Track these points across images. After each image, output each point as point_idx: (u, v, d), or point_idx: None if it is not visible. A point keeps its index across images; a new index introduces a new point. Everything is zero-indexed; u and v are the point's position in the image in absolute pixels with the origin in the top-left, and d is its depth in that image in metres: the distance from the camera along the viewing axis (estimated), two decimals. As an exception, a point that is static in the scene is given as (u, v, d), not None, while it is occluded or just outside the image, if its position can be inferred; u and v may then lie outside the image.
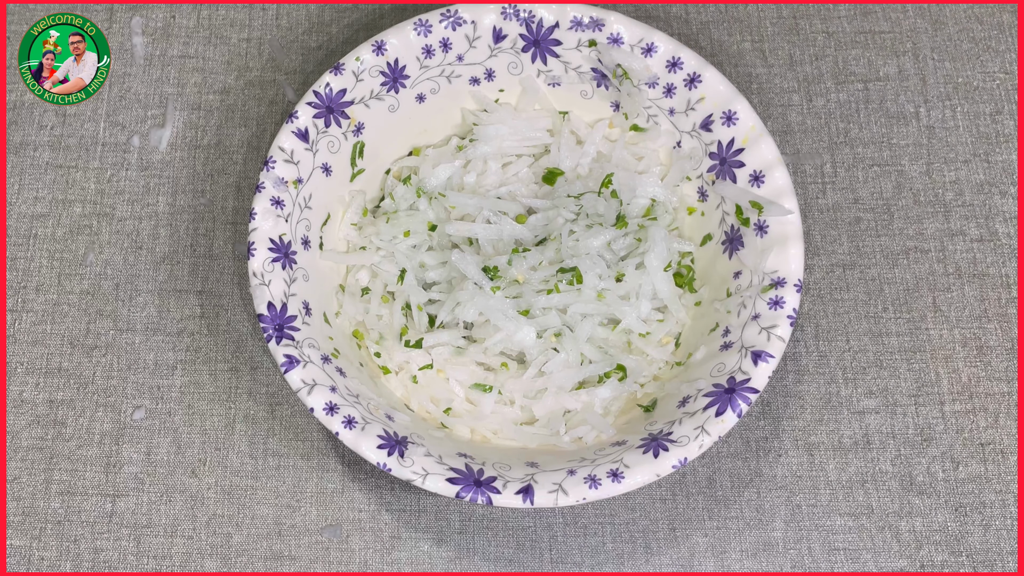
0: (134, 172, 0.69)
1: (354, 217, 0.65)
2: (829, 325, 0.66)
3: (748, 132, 0.62)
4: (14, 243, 0.67)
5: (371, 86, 0.64)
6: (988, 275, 0.67)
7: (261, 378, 0.65)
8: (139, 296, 0.66)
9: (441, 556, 0.61)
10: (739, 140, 0.62)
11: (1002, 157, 0.69)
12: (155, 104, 0.71)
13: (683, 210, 0.65)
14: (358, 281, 0.64)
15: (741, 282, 0.60)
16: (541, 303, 0.61)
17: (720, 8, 0.73)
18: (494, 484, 0.55)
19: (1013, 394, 0.64)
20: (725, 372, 0.58)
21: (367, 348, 0.63)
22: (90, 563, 0.61)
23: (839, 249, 0.67)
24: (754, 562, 0.61)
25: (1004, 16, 0.72)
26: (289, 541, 0.61)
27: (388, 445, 0.56)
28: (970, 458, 0.63)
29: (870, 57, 0.71)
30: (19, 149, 0.69)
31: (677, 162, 0.64)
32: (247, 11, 0.73)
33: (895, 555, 0.61)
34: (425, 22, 0.64)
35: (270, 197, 0.60)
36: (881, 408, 0.64)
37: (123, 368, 0.65)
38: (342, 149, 0.63)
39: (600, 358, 0.62)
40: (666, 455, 0.55)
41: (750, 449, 0.63)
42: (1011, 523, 0.62)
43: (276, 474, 0.63)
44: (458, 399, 0.61)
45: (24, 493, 0.62)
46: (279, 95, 0.71)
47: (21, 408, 0.64)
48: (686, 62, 0.63)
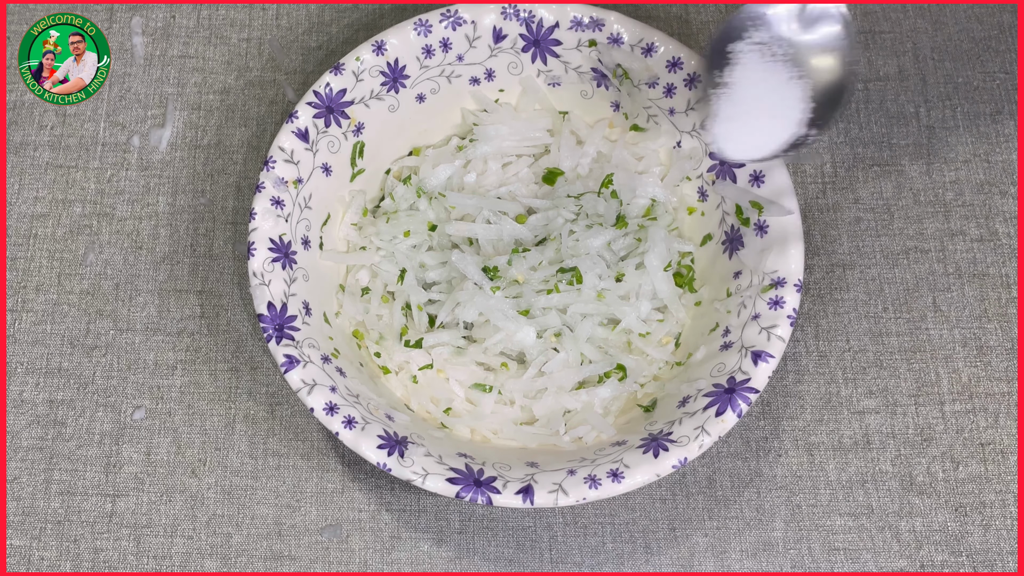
0: (134, 172, 0.69)
1: (354, 217, 0.65)
2: (829, 325, 0.66)
3: (748, 132, 0.62)
4: (14, 243, 0.67)
5: (371, 86, 0.64)
6: (988, 275, 0.67)
7: (261, 378, 0.65)
8: (139, 296, 0.66)
9: (441, 556, 0.61)
10: (739, 140, 0.62)
11: (1002, 157, 0.69)
12: (155, 104, 0.71)
13: (683, 210, 0.65)
14: (358, 281, 0.64)
15: (741, 282, 0.60)
16: (541, 303, 0.61)
17: (720, 8, 0.73)
18: (494, 484, 0.55)
19: (1013, 394, 0.64)
20: (725, 372, 0.58)
21: (367, 348, 0.63)
22: (90, 563, 0.61)
23: (839, 249, 0.67)
24: (754, 562, 0.61)
25: (1004, 16, 0.72)
26: (289, 541, 0.61)
27: (388, 445, 0.56)
28: (970, 458, 0.63)
29: (870, 57, 0.71)
30: (19, 149, 0.69)
31: (677, 162, 0.64)
32: (247, 11, 0.73)
33: (895, 555, 0.61)
34: (425, 22, 0.64)
35: (270, 197, 0.60)
36: (881, 408, 0.64)
37: (123, 368, 0.65)
38: (342, 149, 0.63)
39: (600, 358, 0.62)
40: (666, 455, 0.55)
41: (750, 449, 0.63)
42: (1011, 523, 0.62)
43: (276, 474, 0.63)
44: (458, 399, 0.61)
45: (24, 493, 0.62)
46: (279, 95, 0.71)
47: (21, 408, 0.64)
48: (686, 62, 0.63)
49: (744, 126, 0.56)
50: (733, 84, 0.55)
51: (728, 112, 0.56)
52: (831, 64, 0.55)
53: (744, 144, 0.56)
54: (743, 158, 0.57)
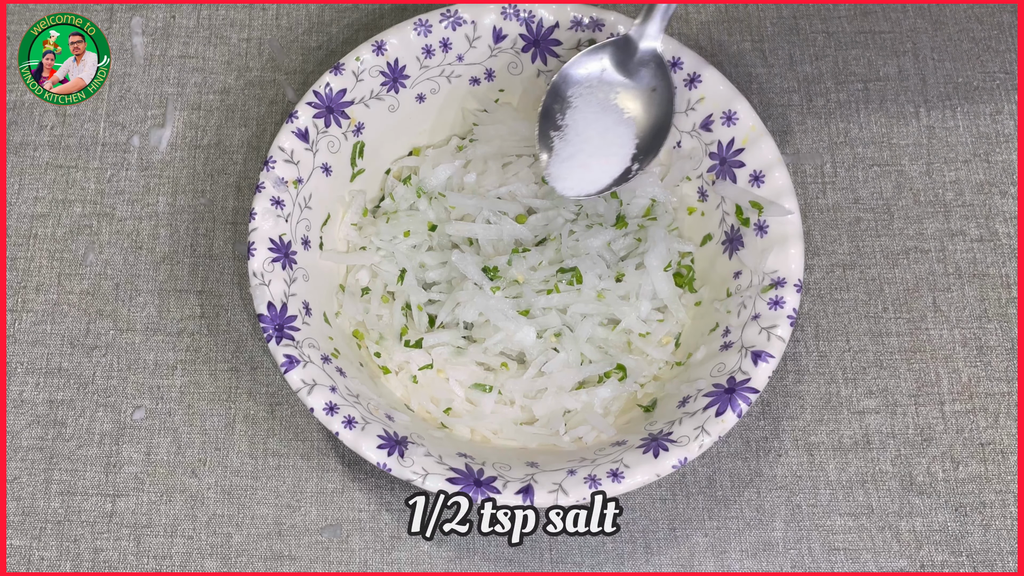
0: (134, 172, 0.69)
1: (354, 217, 0.65)
2: (829, 325, 0.66)
3: (748, 132, 0.62)
4: (14, 243, 0.67)
5: (371, 86, 0.64)
6: (988, 275, 0.67)
7: (261, 378, 0.65)
8: (139, 296, 0.66)
9: (441, 556, 0.61)
10: (739, 140, 0.62)
11: (1002, 157, 0.69)
12: (155, 104, 0.71)
13: (683, 210, 0.65)
14: (358, 281, 0.64)
15: (741, 282, 0.60)
16: (541, 303, 0.61)
17: (720, 8, 0.73)
18: (494, 484, 0.55)
19: (1013, 394, 0.64)
20: (725, 372, 0.58)
21: (367, 348, 0.63)
22: (90, 563, 0.61)
23: (839, 249, 0.67)
24: (754, 562, 0.61)
25: (1004, 16, 0.72)
26: (289, 541, 0.61)
27: (388, 445, 0.56)
28: (970, 458, 0.63)
29: (870, 57, 0.71)
30: (19, 149, 0.69)
31: (677, 162, 0.64)
32: (247, 11, 0.73)
33: (895, 555, 0.61)
34: (425, 22, 0.64)
35: (270, 197, 0.60)
36: (881, 408, 0.64)
37: (123, 368, 0.65)
38: (342, 149, 0.63)
39: (600, 358, 0.62)
40: (666, 455, 0.55)
41: (750, 449, 0.63)
42: (1011, 523, 0.62)
43: (276, 474, 0.63)
44: (458, 399, 0.61)
45: (24, 493, 0.62)
46: (279, 95, 0.71)
47: (21, 408, 0.64)
48: (686, 62, 0.63)
49: (579, 164, 0.60)
50: (569, 126, 0.60)
51: (565, 152, 0.60)
52: (653, 103, 0.61)
53: (578, 181, 0.61)
54: (576, 195, 0.61)
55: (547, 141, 0.61)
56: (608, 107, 0.61)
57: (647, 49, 0.60)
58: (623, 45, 0.61)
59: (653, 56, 0.61)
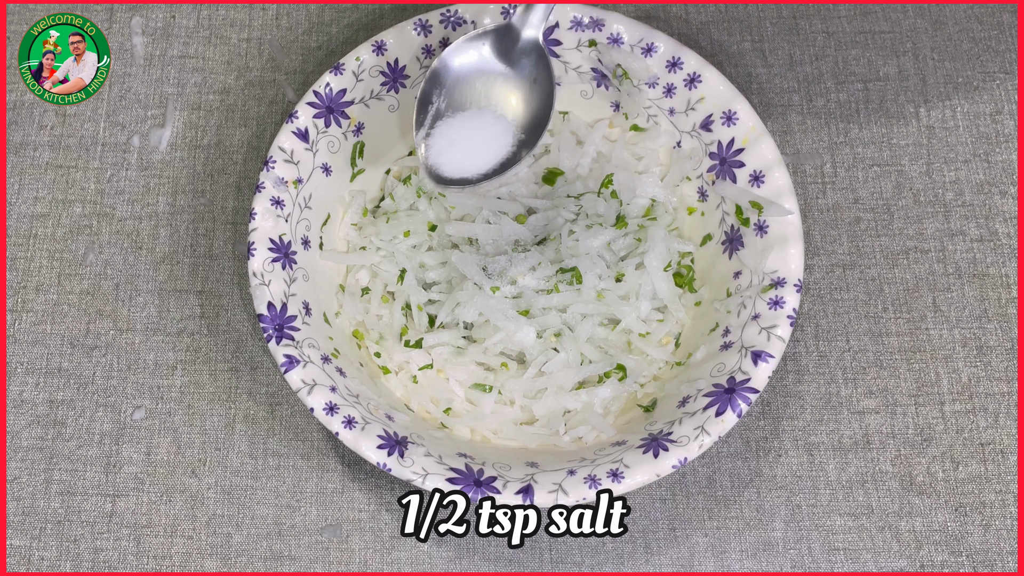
0: (134, 172, 0.69)
1: (354, 217, 0.65)
2: (829, 325, 0.66)
3: (748, 132, 0.62)
4: (14, 243, 0.67)
5: (371, 86, 0.64)
6: (988, 275, 0.67)
7: (261, 378, 0.65)
8: (139, 296, 0.66)
9: (441, 556, 0.61)
10: (739, 140, 0.62)
11: (1002, 157, 0.69)
12: (155, 104, 0.71)
13: (683, 210, 0.65)
14: (358, 281, 0.64)
15: (741, 282, 0.60)
16: (541, 303, 0.61)
17: (720, 8, 0.73)
18: (494, 484, 0.55)
19: (1013, 394, 0.64)
20: (725, 372, 0.58)
21: (367, 348, 0.63)
22: (90, 563, 0.61)
23: (839, 249, 0.67)
24: (754, 562, 0.61)
25: (1004, 16, 0.72)
26: (289, 541, 0.61)
27: (388, 445, 0.56)
28: (970, 458, 0.63)
29: (870, 57, 0.71)
30: (19, 149, 0.69)
31: (677, 162, 0.64)
32: (247, 11, 0.73)
33: (895, 555, 0.61)
34: (425, 22, 0.64)
35: (270, 197, 0.60)
36: (881, 408, 0.64)
37: (123, 368, 0.65)
38: (342, 149, 0.63)
39: (600, 358, 0.62)
40: (666, 455, 0.55)
41: (750, 449, 0.63)
42: (1011, 523, 0.62)
43: (276, 474, 0.63)
44: (458, 399, 0.61)
45: (24, 493, 0.62)
46: (279, 95, 0.71)
47: (21, 408, 0.64)
48: (686, 62, 0.63)
49: (458, 151, 0.59)
50: (453, 115, 0.60)
51: (444, 138, 0.60)
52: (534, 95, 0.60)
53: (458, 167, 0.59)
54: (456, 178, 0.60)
55: (425, 127, 0.60)
56: (487, 95, 0.60)
57: (529, 38, 0.59)
58: (505, 33, 0.60)
59: (535, 47, 0.60)
